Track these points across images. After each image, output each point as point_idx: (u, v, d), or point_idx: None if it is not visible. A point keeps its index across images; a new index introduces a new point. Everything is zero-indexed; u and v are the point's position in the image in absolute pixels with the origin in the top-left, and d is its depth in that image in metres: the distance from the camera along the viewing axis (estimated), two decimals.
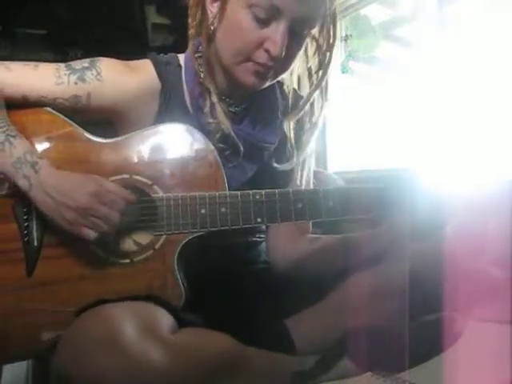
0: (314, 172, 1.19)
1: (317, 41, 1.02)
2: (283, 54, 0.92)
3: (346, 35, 2.38)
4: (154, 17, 2.98)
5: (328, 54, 1.03)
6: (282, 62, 0.96)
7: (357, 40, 2.37)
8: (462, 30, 1.76)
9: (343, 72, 2.38)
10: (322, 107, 1.06)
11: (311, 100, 1.05)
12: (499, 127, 1.45)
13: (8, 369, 1.06)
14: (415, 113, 1.86)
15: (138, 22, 2.94)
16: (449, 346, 0.96)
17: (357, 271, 0.98)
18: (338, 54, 2.42)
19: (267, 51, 0.92)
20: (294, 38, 0.94)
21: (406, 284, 0.92)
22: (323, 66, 1.03)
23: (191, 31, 1.03)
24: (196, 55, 1.02)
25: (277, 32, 0.91)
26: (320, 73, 1.04)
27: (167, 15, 2.95)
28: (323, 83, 1.04)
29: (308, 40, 1.00)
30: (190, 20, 1.03)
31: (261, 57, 0.93)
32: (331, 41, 1.02)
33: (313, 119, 1.07)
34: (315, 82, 1.04)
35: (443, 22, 1.83)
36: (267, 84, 1.00)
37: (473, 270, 0.96)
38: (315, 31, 1.00)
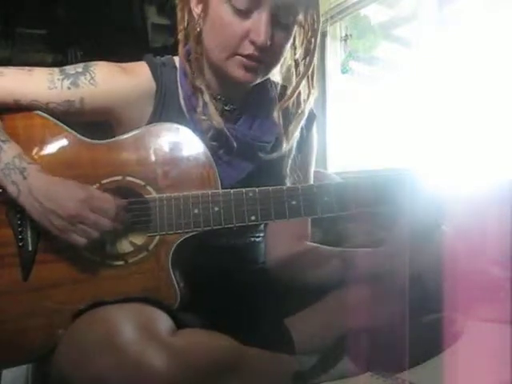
0: (314, 172, 1.18)
1: (303, 28, 1.01)
2: (269, 42, 0.92)
3: (346, 35, 2.38)
4: (154, 17, 2.99)
5: (313, 39, 1.02)
6: (271, 54, 0.95)
7: (357, 40, 2.37)
8: (462, 29, 1.76)
9: (343, 72, 2.39)
10: (309, 95, 1.05)
11: (299, 88, 1.04)
12: (499, 127, 1.44)
13: (8, 369, 1.06)
14: (415, 113, 1.86)
15: (139, 23, 2.95)
16: (449, 345, 0.96)
17: (353, 285, 0.97)
18: (338, 54, 2.42)
19: (252, 42, 0.92)
20: (280, 28, 0.94)
21: (406, 284, 0.92)
22: (310, 52, 1.03)
23: (180, 35, 1.03)
24: (189, 58, 1.02)
25: (259, 21, 0.91)
26: (307, 60, 1.03)
27: (168, 16, 2.95)
28: (310, 71, 1.03)
29: (296, 30, 1.00)
30: (178, 24, 1.03)
31: (247, 48, 0.93)
32: (315, 26, 1.01)
33: (300, 107, 1.06)
34: (302, 70, 1.03)
35: (443, 22, 1.83)
36: (260, 79, 0.99)
37: (473, 270, 0.96)
38: (301, 19, 0.99)
